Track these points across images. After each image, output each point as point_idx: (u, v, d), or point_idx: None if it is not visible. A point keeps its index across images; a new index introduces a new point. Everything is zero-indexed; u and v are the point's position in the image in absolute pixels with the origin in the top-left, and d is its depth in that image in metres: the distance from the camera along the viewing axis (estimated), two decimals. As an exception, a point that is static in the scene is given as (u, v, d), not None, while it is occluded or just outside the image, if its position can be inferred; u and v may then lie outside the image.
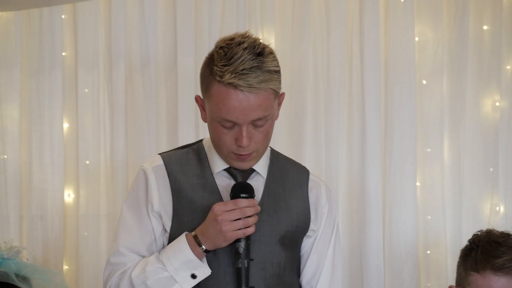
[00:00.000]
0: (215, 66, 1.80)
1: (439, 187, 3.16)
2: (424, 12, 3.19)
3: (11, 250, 1.95)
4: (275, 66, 1.84)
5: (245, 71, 1.78)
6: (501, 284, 2.12)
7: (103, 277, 1.97)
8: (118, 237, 1.96)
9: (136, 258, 1.93)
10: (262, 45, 1.83)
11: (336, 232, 2.05)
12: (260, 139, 1.87)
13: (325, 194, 2.04)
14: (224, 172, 1.95)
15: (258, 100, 1.80)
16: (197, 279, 1.87)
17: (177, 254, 1.86)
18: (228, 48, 1.80)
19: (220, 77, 1.79)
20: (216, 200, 1.92)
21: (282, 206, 1.96)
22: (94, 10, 3.29)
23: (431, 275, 3.17)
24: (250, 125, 1.83)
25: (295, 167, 2.06)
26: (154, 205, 1.94)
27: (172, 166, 1.96)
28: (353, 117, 3.18)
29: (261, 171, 1.97)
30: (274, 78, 1.83)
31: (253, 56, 1.79)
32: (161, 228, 1.95)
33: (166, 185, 1.95)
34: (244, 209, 1.83)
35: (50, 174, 3.31)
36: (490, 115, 3.17)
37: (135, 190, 1.98)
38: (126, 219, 1.97)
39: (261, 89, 1.80)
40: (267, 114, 1.84)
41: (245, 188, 1.87)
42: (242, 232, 1.83)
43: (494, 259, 2.15)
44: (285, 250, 1.95)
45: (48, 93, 3.32)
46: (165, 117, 3.27)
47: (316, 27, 3.21)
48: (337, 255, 2.05)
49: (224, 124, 1.83)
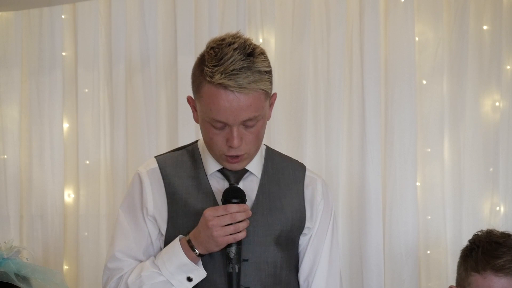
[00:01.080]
0: (206, 67, 1.80)
1: (439, 187, 3.16)
2: (424, 12, 3.19)
3: (11, 250, 1.95)
4: (266, 66, 1.82)
5: (235, 72, 1.77)
6: (501, 285, 2.13)
7: (102, 282, 1.98)
8: (114, 242, 1.97)
9: (133, 262, 1.93)
10: (253, 46, 1.82)
11: (333, 226, 2.04)
12: (251, 139, 1.86)
13: (321, 190, 2.03)
14: (218, 173, 1.95)
15: (248, 101, 1.79)
16: (193, 282, 1.87)
17: (172, 258, 1.87)
18: (219, 49, 1.79)
19: (210, 78, 1.78)
20: (210, 201, 1.92)
21: (277, 205, 1.95)
22: (94, 10, 3.29)
23: (431, 275, 3.16)
24: (241, 126, 1.83)
25: (291, 164, 2.05)
26: (148, 209, 1.94)
27: (166, 169, 1.96)
28: (353, 117, 3.18)
29: (255, 171, 1.96)
30: (265, 79, 1.81)
31: (244, 57, 1.78)
32: (157, 232, 1.96)
33: (160, 189, 1.95)
34: (235, 215, 1.82)
35: (50, 174, 3.31)
36: (490, 115, 3.17)
37: (131, 194, 1.99)
38: (122, 223, 1.97)
39: (251, 89, 1.79)
40: (258, 115, 1.83)
41: (236, 193, 1.86)
42: (233, 237, 1.83)
43: (495, 260, 2.15)
44: (280, 250, 1.95)
45: (48, 93, 3.33)
46: (165, 117, 3.27)
47: (316, 27, 3.20)
48: (334, 249, 2.03)
49: (215, 125, 1.83)
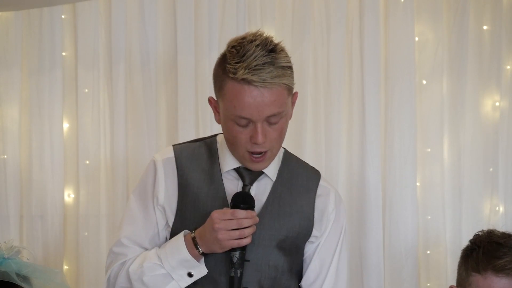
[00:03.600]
0: (228, 64, 1.80)
1: (439, 187, 3.16)
2: (424, 12, 3.19)
3: (11, 250, 1.95)
4: (288, 62, 1.83)
5: (259, 67, 1.77)
6: (502, 285, 2.12)
7: (106, 263, 1.99)
8: (122, 226, 1.97)
9: (138, 250, 1.94)
10: (274, 42, 1.83)
11: (343, 241, 2.03)
12: (274, 136, 1.86)
13: (334, 202, 2.02)
14: (233, 172, 1.95)
15: (272, 96, 1.80)
16: (193, 278, 1.87)
17: (175, 252, 1.87)
18: (240, 46, 1.80)
19: (234, 74, 1.78)
20: (220, 199, 1.92)
21: (286, 211, 1.95)
22: (94, 10, 3.29)
23: (431, 275, 3.16)
24: (265, 123, 1.82)
25: (306, 171, 2.04)
26: (159, 199, 1.95)
27: (182, 160, 1.96)
28: (353, 117, 3.18)
29: (270, 173, 1.96)
30: (287, 74, 1.82)
31: (266, 52, 1.79)
32: (164, 222, 1.96)
33: (173, 179, 1.95)
34: (242, 221, 1.82)
35: (50, 174, 3.31)
36: (490, 115, 3.17)
37: (144, 181, 1.99)
38: (132, 209, 1.98)
39: (275, 84, 1.79)
40: (282, 111, 1.83)
41: (245, 199, 1.86)
42: (238, 242, 1.83)
43: (496, 260, 2.14)
44: (284, 254, 1.94)
45: (48, 93, 3.32)
46: (165, 117, 3.27)
47: (316, 27, 3.20)
48: (341, 264, 2.03)
49: (238, 122, 1.82)
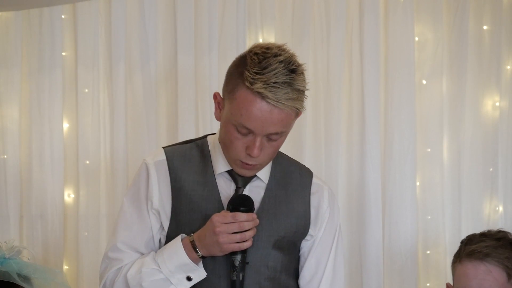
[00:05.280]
0: (247, 71, 1.78)
1: (438, 187, 3.16)
2: (424, 12, 3.19)
3: (12, 250, 1.95)
4: (304, 86, 1.83)
5: (277, 85, 1.76)
6: (474, 270, 2.08)
7: (100, 269, 1.97)
8: (117, 231, 1.96)
9: (134, 255, 1.93)
10: (297, 63, 1.82)
11: (338, 239, 2.04)
12: (270, 152, 1.86)
13: (328, 199, 2.03)
14: (226, 174, 1.95)
15: (280, 116, 1.80)
16: (192, 282, 1.87)
17: (173, 257, 1.86)
18: (264, 57, 1.78)
19: (250, 84, 1.77)
20: (215, 201, 1.92)
21: (283, 210, 1.95)
22: (94, 10, 3.29)
23: (430, 275, 3.17)
24: (265, 137, 1.82)
25: (298, 168, 2.04)
26: (154, 203, 1.94)
27: (174, 162, 1.95)
28: (353, 117, 3.18)
29: (262, 176, 1.96)
30: (301, 98, 1.83)
31: (287, 72, 1.78)
32: (158, 226, 1.95)
33: (166, 182, 1.94)
34: (243, 223, 1.82)
35: (50, 174, 3.31)
36: (490, 115, 3.17)
37: (136, 184, 1.98)
38: (126, 213, 1.97)
39: (287, 106, 1.79)
40: (285, 131, 1.84)
41: (245, 202, 1.86)
42: (238, 246, 1.83)
43: (470, 246, 2.12)
44: (281, 254, 1.95)
45: (48, 93, 3.32)
46: (165, 117, 3.27)
47: (316, 27, 3.20)
48: (338, 262, 2.03)
49: (240, 130, 1.82)
